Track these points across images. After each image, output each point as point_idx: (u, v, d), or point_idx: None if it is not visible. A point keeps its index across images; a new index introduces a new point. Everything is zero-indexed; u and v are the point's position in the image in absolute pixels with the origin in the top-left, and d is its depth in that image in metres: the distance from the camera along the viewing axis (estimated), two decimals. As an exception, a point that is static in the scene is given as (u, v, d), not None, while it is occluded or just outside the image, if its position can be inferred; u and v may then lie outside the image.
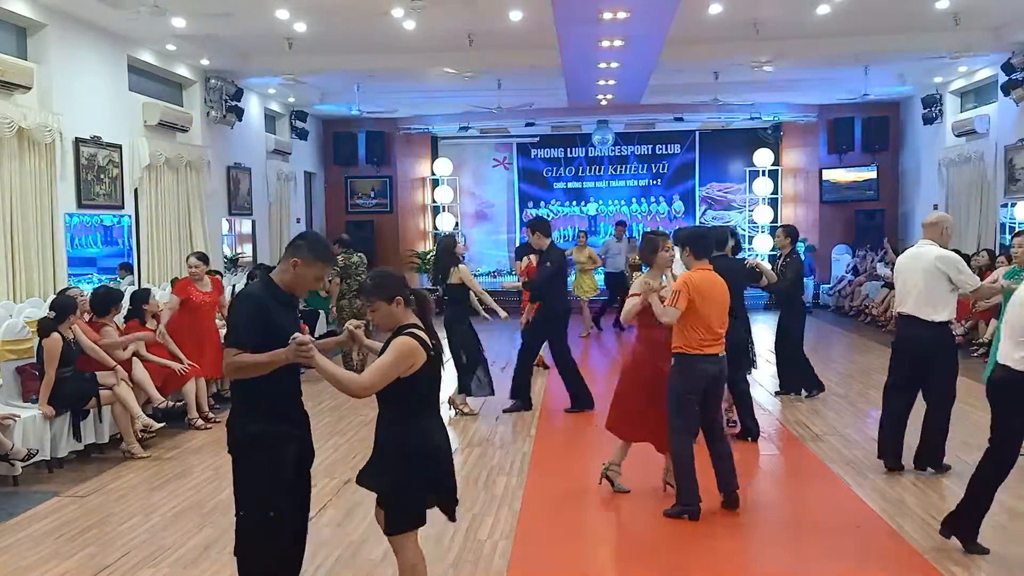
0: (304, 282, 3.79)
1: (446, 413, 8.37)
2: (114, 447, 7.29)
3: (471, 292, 8.52)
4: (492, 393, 8.50)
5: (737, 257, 7.82)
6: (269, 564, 3.79)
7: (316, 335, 12.25)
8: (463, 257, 8.91)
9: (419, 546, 3.76)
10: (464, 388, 8.45)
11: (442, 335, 8.40)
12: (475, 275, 18.23)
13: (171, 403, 7.82)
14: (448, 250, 8.51)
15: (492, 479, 6.42)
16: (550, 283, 8.46)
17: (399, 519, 3.67)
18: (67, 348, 6.89)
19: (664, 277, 5.81)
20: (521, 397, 8.65)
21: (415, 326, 3.70)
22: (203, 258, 8.79)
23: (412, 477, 3.62)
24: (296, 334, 3.50)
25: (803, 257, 9.61)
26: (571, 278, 12.40)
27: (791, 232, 8.73)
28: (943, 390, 6.13)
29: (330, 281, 13.62)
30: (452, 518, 3.89)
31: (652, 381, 5.63)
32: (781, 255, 8.69)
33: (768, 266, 8.55)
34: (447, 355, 8.11)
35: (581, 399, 8.52)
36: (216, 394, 8.94)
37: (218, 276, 9.59)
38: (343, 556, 4.94)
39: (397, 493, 3.64)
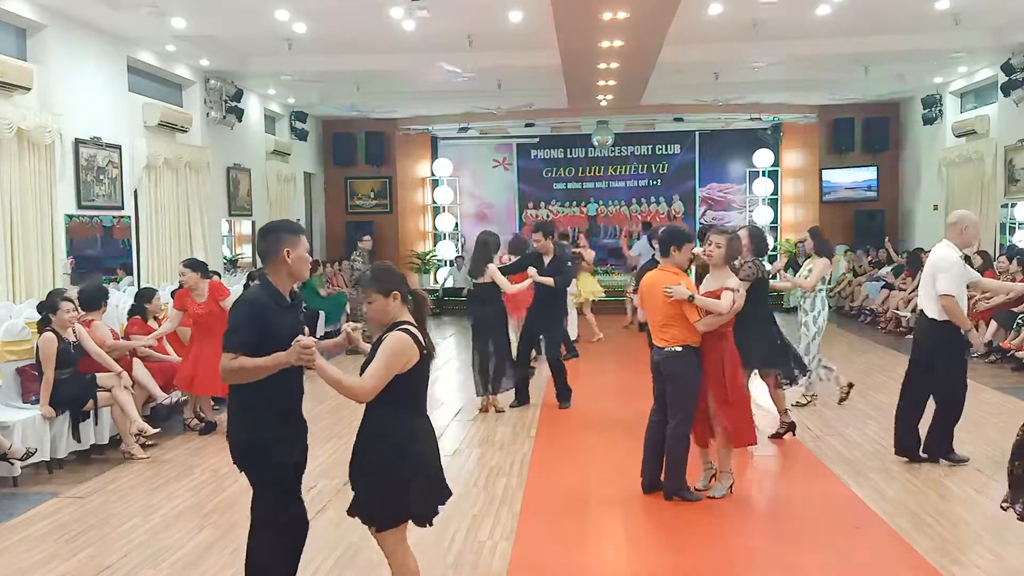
0: (304, 261, 3.80)
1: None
2: (114, 448, 7.29)
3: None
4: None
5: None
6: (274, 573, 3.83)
7: (316, 336, 12.27)
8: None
9: (408, 545, 3.72)
10: (485, 389, 8.51)
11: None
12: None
13: (174, 400, 7.80)
14: (487, 249, 8.40)
15: (492, 480, 6.42)
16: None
17: (382, 517, 3.63)
18: (65, 349, 6.88)
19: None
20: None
21: (408, 323, 3.66)
22: (192, 265, 7.99)
23: (392, 475, 3.57)
24: (299, 336, 3.45)
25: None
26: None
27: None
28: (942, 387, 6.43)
29: (328, 281, 13.68)
30: (427, 524, 3.73)
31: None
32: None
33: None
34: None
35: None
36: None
37: (215, 276, 9.11)
38: (343, 557, 4.93)
39: (376, 493, 3.60)
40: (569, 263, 8.83)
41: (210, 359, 7.65)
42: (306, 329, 3.87)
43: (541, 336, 9.02)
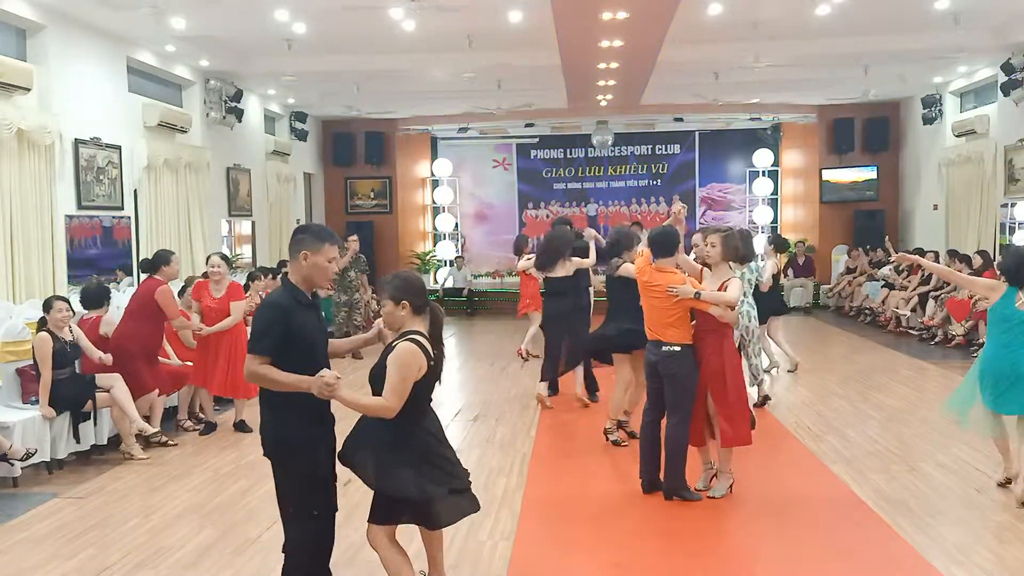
0: (320, 270, 3.82)
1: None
2: (114, 448, 7.29)
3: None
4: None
5: None
6: (316, 559, 3.92)
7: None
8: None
9: (396, 541, 3.92)
10: (549, 378, 8.63)
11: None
12: (475, 276, 18.27)
13: (163, 438, 7.57)
14: (567, 242, 8.41)
15: (492, 480, 6.42)
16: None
17: (376, 509, 3.87)
18: (61, 349, 6.88)
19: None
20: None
21: (419, 333, 3.81)
22: (225, 257, 8.38)
23: (396, 471, 3.75)
24: (324, 370, 3.58)
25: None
26: None
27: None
28: None
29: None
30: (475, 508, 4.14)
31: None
32: None
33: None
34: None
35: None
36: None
37: (233, 280, 9.09)
38: (343, 556, 4.92)
39: (379, 484, 3.80)
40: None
41: (219, 359, 7.76)
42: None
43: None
